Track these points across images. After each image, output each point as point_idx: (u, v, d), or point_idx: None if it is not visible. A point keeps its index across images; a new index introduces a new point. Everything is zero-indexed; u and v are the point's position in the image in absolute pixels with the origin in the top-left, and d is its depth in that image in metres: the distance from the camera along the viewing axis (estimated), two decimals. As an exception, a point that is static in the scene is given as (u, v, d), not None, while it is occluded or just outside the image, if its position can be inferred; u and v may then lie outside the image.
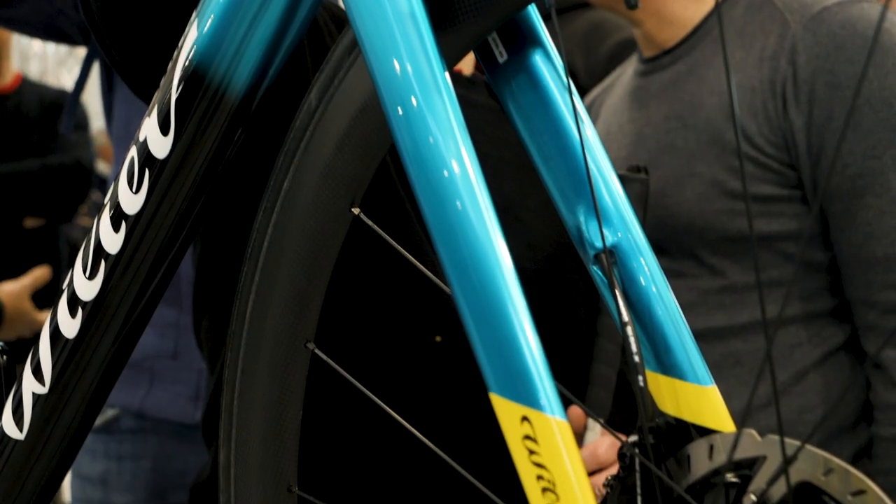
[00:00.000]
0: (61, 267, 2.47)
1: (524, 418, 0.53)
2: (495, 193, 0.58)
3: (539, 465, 0.53)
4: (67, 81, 5.50)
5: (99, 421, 1.53)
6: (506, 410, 0.54)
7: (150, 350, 1.52)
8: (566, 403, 0.55)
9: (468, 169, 0.56)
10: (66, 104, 1.69)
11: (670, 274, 1.33)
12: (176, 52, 0.71)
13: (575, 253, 1.21)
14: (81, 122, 2.63)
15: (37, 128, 2.57)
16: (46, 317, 0.77)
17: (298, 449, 0.78)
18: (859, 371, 1.27)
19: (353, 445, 1.04)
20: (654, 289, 0.62)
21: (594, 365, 1.18)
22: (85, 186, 2.58)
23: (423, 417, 0.80)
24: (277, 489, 0.77)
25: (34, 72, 5.68)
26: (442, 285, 0.68)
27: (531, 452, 0.53)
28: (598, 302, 1.25)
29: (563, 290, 1.21)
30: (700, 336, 1.29)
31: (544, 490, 0.52)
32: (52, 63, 6.11)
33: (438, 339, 1.07)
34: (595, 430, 1.15)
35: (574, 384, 1.16)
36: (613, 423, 1.23)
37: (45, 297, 2.01)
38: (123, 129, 1.55)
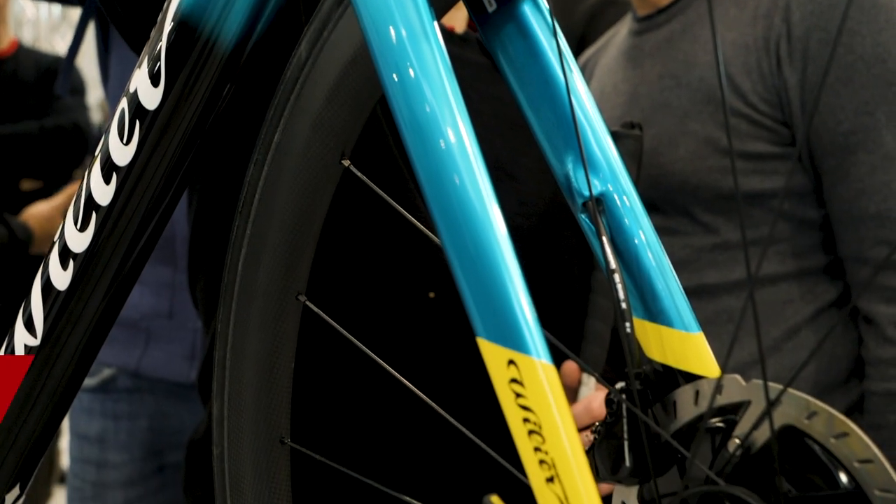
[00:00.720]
0: (57, 228, 2.47)
1: (510, 362, 0.53)
2: (487, 151, 0.58)
3: (525, 408, 0.53)
4: (61, 47, 5.47)
5: (96, 380, 1.54)
6: (492, 354, 0.54)
7: (146, 310, 1.52)
8: (560, 358, 0.55)
9: (464, 137, 0.56)
10: (61, 66, 1.69)
11: (664, 232, 1.34)
12: (166, 3, 0.70)
13: (568, 209, 1.21)
14: (78, 87, 2.62)
15: (33, 92, 2.56)
16: None
17: (292, 404, 0.79)
18: (851, 327, 1.28)
19: (345, 400, 1.05)
20: (641, 236, 0.62)
21: (588, 321, 1.18)
22: (82, 149, 2.57)
23: (415, 372, 0.81)
24: (270, 441, 0.78)
25: (27, 38, 5.64)
26: (431, 235, 0.68)
27: (517, 395, 0.53)
28: (592, 258, 1.25)
29: (556, 246, 1.21)
30: (693, 293, 1.30)
31: (530, 433, 0.53)
32: (45, 29, 6.08)
33: (432, 294, 1.07)
34: (589, 385, 1.15)
35: (568, 340, 1.16)
36: (607, 379, 1.23)
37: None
38: (120, 90, 1.55)
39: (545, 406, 0.53)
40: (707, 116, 1.28)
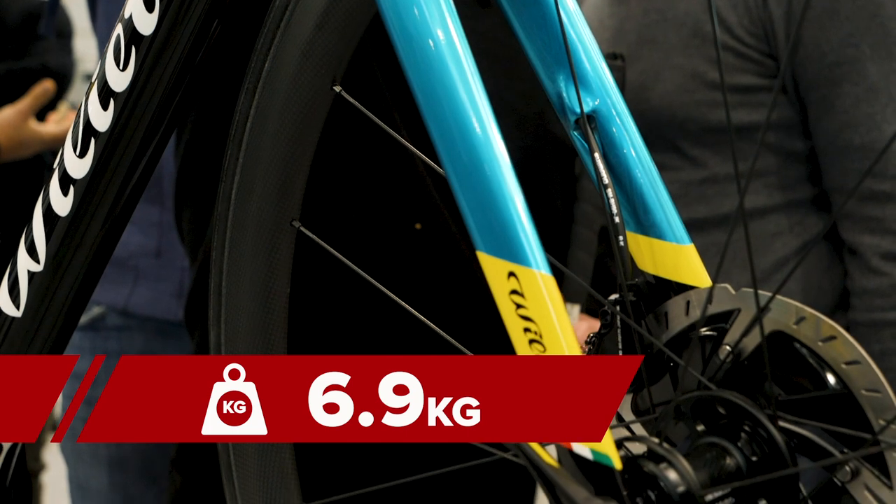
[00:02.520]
0: (34, 170, 2.40)
1: (511, 274, 0.54)
2: None
3: (526, 318, 0.54)
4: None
5: (85, 318, 1.54)
6: (493, 267, 0.55)
7: (133, 248, 1.52)
8: None
9: (454, 38, 0.57)
10: (45, 8, 1.66)
11: (651, 167, 1.34)
12: None
13: (550, 144, 1.22)
14: (63, 30, 2.58)
15: (15, 37, 2.52)
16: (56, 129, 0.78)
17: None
18: (837, 260, 1.30)
19: (339, 325, 1.06)
20: (633, 152, 0.63)
21: (571, 251, 1.20)
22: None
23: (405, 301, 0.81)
24: (267, 365, 0.79)
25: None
26: (421, 155, 0.69)
27: (518, 306, 0.54)
28: (575, 189, 1.26)
29: (539, 180, 1.22)
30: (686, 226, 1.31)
31: (531, 342, 0.54)
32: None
33: (418, 226, 1.08)
34: (573, 315, 1.17)
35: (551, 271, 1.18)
36: (590, 310, 1.25)
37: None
38: (107, 30, 1.53)
39: (546, 315, 0.54)
40: (693, 50, 1.29)
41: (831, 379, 0.55)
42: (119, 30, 0.72)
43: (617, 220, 0.61)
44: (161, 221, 1.53)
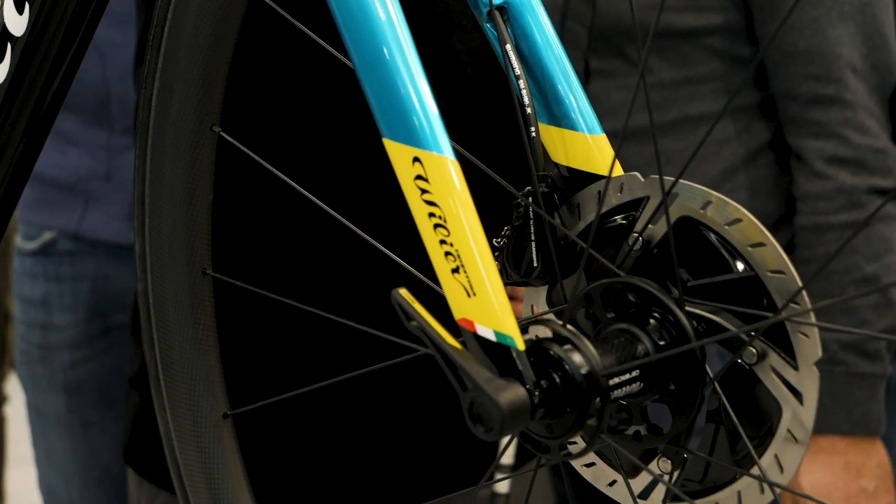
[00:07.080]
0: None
1: (415, 159, 0.54)
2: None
3: (430, 203, 0.54)
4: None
5: (36, 244, 1.53)
6: (398, 153, 0.55)
7: (82, 173, 1.51)
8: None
9: None
10: None
11: (600, 74, 1.33)
12: None
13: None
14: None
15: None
16: None
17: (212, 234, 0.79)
18: (787, 169, 1.30)
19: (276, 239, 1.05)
20: (544, 43, 0.62)
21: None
22: None
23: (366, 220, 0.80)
24: (192, 273, 0.78)
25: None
26: (345, 60, 0.68)
27: (423, 192, 0.54)
28: None
29: (504, 94, 1.21)
30: (631, 134, 1.31)
31: (436, 227, 0.54)
32: None
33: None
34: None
35: (522, 184, 1.18)
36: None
37: None
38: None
39: (448, 200, 0.54)
40: (639, -45, 1.27)
41: (738, 263, 0.54)
42: None
43: (529, 111, 0.60)
44: (110, 145, 1.51)
